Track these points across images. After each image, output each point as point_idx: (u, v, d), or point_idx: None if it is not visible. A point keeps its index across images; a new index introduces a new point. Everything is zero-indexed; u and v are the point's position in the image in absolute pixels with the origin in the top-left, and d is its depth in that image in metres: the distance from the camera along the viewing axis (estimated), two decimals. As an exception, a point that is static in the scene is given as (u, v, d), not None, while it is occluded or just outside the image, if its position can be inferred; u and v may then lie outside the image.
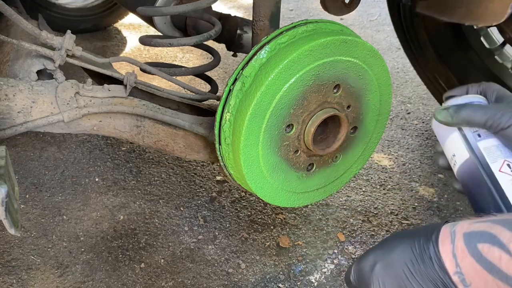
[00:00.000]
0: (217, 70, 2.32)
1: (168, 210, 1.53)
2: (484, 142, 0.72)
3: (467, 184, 0.75)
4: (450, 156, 0.78)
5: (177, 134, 1.19)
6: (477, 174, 0.72)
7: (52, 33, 1.06)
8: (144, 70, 1.23)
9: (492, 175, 0.70)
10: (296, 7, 3.34)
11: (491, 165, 0.70)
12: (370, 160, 1.80)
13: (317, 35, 0.97)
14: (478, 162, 0.72)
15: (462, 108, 0.72)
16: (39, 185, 1.60)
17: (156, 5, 1.38)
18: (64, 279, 1.28)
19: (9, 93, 1.02)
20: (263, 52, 0.96)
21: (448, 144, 0.77)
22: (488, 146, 0.72)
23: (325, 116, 0.99)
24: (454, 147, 0.76)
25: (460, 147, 0.74)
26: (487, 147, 0.72)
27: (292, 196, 1.09)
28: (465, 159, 0.73)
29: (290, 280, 1.31)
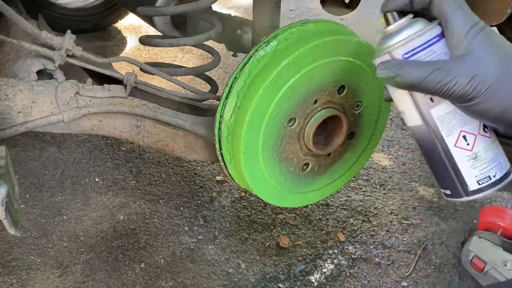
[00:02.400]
0: (217, 70, 2.32)
1: (168, 210, 1.53)
2: (437, 109, 0.64)
3: (422, 147, 0.69)
4: (399, 110, 0.70)
5: (177, 134, 1.19)
6: (432, 144, 0.67)
7: (52, 33, 1.06)
8: (144, 70, 1.23)
9: (447, 151, 0.66)
10: (296, 7, 3.34)
11: (446, 138, 0.65)
12: (370, 160, 1.80)
13: (316, 35, 0.97)
14: (432, 132, 0.65)
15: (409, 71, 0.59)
16: (39, 185, 1.60)
17: (156, 5, 1.38)
18: (64, 279, 1.28)
19: (9, 93, 1.02)
20: (263, 52, 0.96)
21: (396, 98, 0.69)
22: (442, 114, 0.64)
23: (326, 116, 0.99)
24: (403, 106, 0.68)
25: (410, 109, 0.67)
26: (441, 116, 0.64)
27: (292, 196, 1.09)
28: (416, 124, 0.67)
29: (290, 280, 1.31)
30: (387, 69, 0.62)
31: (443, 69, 0.57)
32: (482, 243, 1.24)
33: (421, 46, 0.62)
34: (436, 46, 0.62)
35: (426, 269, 1.37)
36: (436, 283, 1.33)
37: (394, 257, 1.40)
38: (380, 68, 0.63)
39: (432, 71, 0.58)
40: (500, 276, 1.17)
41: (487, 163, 0.65)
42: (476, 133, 0.64)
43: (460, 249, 1.34)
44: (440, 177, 0.70)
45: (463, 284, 1.33)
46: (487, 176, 0.66)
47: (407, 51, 0.63)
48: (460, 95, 0.57)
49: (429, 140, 0.67)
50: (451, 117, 0.64)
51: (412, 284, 1.32)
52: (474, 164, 0.65)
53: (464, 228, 1.51)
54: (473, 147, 0.65)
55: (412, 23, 0.64)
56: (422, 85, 0.59)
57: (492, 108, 0.57)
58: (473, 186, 0.66)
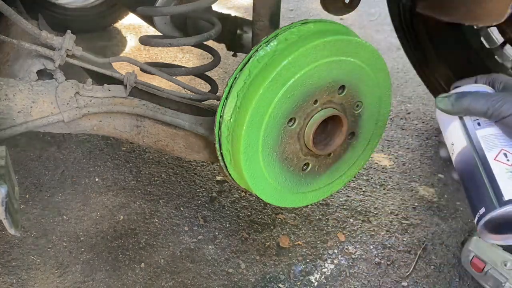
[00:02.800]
0: (217, 70, 2.32)
1: (168, 210, 1.53)
2: (482, 131, 0.71)
3: (462, 172, 0.73)
4: (450, 145, 0.76)
5: (177, 134, 1.19)
6: (472, 162, 0.70)
7: (52, 33, 1.06)
8: (144, 70, 1.23)
9: (486, 163, 0.68)
10: (296, 7, 3.34)
11: (486, 153, 0.69)
12: (370, 160, 1.80)
13: (316, 35, 0.97)
14: (474, 150, 0.70)
15: (463, 96, 0.71)
16: (39, 185, 1.60)
17: (156, 5, 1.37)
18: (64, 279, 1.28)
19: (9, 93, 1.02)
20: (263, 52, 0.96)
21: (449, 133, 0.76)
22: (486, 134, 0.70)
23: (326, 116, 0.99)
24: (454, 136, 0.75)
25: (459, 135, 0.73)
26: (485, 136, 0.70)
27: (292, 196, 1.09)
28: (462, 147, 0.72)
29: (290, 280, 1.31)
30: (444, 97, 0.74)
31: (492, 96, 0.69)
32: (482, 243, 1.24)
33: None
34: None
35: (426, 269, 1.37)
36: (436, 283, 1.33)
37: (394, 257, 1.40)
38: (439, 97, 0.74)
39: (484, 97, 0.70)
40: (500, 276, 1.17)
41: None
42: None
43: (460, 249, 1.34)
44: (475, 195, 0.71)
45: (463, 284, 1.33)
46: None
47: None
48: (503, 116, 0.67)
49: (471, 158, 0.71)
50: (494, 138, 0.70)
51: (412, 284, 1.32)
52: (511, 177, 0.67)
53: (464, 228, 1.51)
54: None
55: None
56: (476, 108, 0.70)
57: None
58: (508, 195, 0.67)
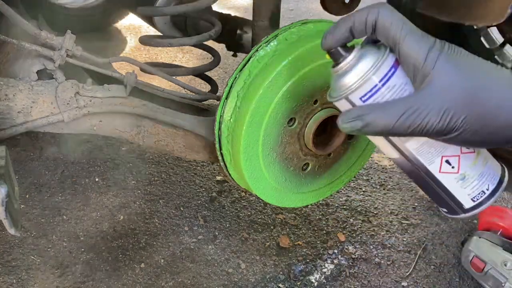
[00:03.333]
0: (217, 70, 2.32)
1: (168, 210, 1.53)
2: (412, 143, 0.61)
3: (408, 174, 0.67)
4: (376, 146, 0.68)
5: (177, 134, 1.19)
6: (416, 174, 0.64)
7: (52, 33, 1.06)
8: (144, 70, 1.23)
9: (434, 178, 0.63)
10: (296, 7, 3.34)
11: (428, 167, 0.62)
12: (370, 160, 1.80)
13: (316, 35, 0.97)
14: (414, 164, 0.63)
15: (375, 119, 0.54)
16: (39, 185, 1.60)
17: (156, 5, 1.38)
18: (64, 279, 1.28)
19: (9, 93, 1.02)
20: (263, 52, 0.96)
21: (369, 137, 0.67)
22: (418, 146, 0.61)
23: (326, 116, 0.99)
24: (378, 143, 0.65)
25: (385, 146, 0.64)
26: (418, 148, 0.61)
27: (292, 196, 1.09)
28: (395, 157, 0.64)
29: (290, 280, 1.31)
30: (350, 123, 0.56)
31: (410, 110, 0.52)
32: (482, 243, 1.24)
33: (379, 83, 0.56)
34: (394, 79, 0.56)
35: (426, 269, 1.37)
36: (436, 283, 1.33)
37: (394, 257, 1.40)
38: (343, 122, 0.57)
39: (400, 115, 0.52)
40: (500, 276, 1.17)
41: (477, 179, 0.63)
42: (458, 154, 0.62)
43: (460, 249, 1.34)
44: (434, 199, 0.68)
45: (463, 284, 1.33)
46: (481, 191, 0.64)
47: (364, 94, 0.57)
48: (437, 132, 0.52)
49: (412, 170, 0.64)
50: (428, 147, 0.60)
51: (412, 284, 1.32)
52: (464, 184, 0.63)
53: (464, 228, 1.51)
54: (459, 169, 0.62)
55: (361, 57, 0.58)
56: (392, 131, 0.54)
57: (474, 136, 0.52)
58: (468, 204, 0.65)
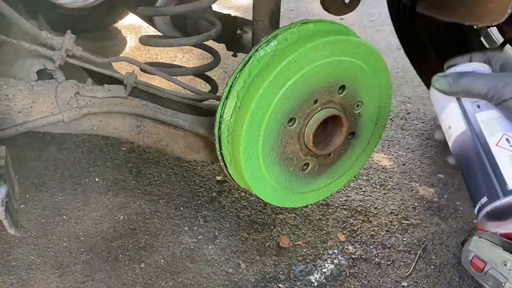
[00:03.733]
0: (217, 70, 2.32)
1: (168, 210, 1.53)
2: (483, 114, 0.66)
3: (461, 158, 0.69)
4: (446, 129, 0.72)
5: (177, 134, 1.19)
6: (472, 147, 0.66)
7: (52, 33, 1.06)
8: (144, 70, 1.23)
9: (488, 150, 0.64)
10: (296, 7, 3.34)
11: (488, 138, 0.65)
12: (370, 160, 1.80)
13: (316, 35, 0.97)
14: (475, 134, 0.66)
15: (462, 76, 0.67)
16: (39, 185, 1.60)
17: (156, 5, 1.38)
18: (64, 279, 1.28)
19: (9, 93, 1.02)
20: (263, 52, 0.96)
21: (445, 116, 0.72)
22: (487, 118, 0.66)
23: (326, 116, 0.99)
24: (451, 119, 0.70)
25: (457, 118, 0.69)
26: (486, 119, 0.65)
27: (292, 196, 1.09)
28: (461, 131, 0.68)
29: (290, 280, 1.31)
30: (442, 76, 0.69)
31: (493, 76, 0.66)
32: (482, 243, 1.24)
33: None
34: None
35: (426, 269, 1.37)
36: (436, 283, 1.33)
37: (394, 257, 1.40)
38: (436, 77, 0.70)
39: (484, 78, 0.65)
40: (500, 276, 1.17)
41: None
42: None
43: (460, 249, 1.34)
44: (476, 184, 0.67)
45: (463, 284, 1.33)
46: None
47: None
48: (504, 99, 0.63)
49: (471, 144, 0.66)
50: (494, 121, 0.65)
51: (412, 284, 1.32)
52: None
53: (464, 228, 1.51)
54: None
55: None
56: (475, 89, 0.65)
57: None
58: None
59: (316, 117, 0.99)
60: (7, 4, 1.01)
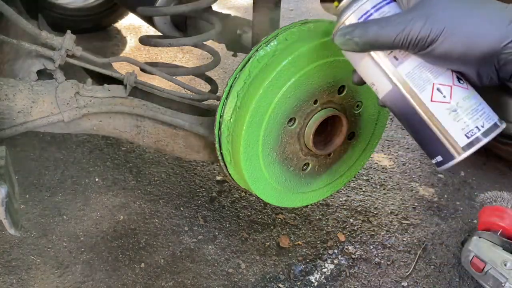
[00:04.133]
0: (217, 70, 2.32)
1: (168, 210, 1.53)
2: (404, 66, 0.61)
3: (399, 115, 0.66)
4: (369, 83, 0.68)
5: (177, 134, 1.19)
6: (408, 107, 0.63)
7: (52, 33, 1.06)
8: (144, 70, 1.23)
9: (426, 109, 0.61)
10: (296, 7, 3.34)
11: (420, 95, 0.61)
12: (370, 160, 1.80)
13: (316, 35, 0.97)
14: (406, 93, 0.62)
15: (366, 27, 0.59)
16: (39, 185, 1.60)
17: (156, 5, 1.38)
18: (64, 279, 1.28)
19: (9, 93, 1.02)
20: (263, 52, 0.96)
21: (363, 71, 0.67)
22: (410, 70, 0.61)
23: (326, 116, 0.99)
24: (371, 76, 0.65)
25: (377, 76, 0.64)
26: (410, 72, 0.61)
27: (292, 196, 1.09)
28: (387, 90, 0.64)
29: (290, 280, 1.31)
30: (344, 33, 0.61)
31: (398, 19, 0.57)
32: (482, 243, 1.24)
33: (373, 8, 0.62)
34: (387, 7, 0.62)
35: (426, 269, 1.37)
36: (436, 283, 1.33)
37: (394, 257, 1.40)
38: (337, 35, 0.63)
39: (388, 22, 0.58)
40: (500, 276, 1.17)
41: (470, 113, 0.60)
42: (450, 84, 0.61)
43: (460, 249, 1.34)
44: (426, 143, 0.65)
45: (463, 284, 1.33)
46: (475, 127, 0.60)
47: (360, 16, 0.63)
48: (420, 40, 0.56)
49: (404, 103, 0.63)
50: (419, 71, 0.61)
51: (412, 284, 1.32)
52: (456, 117, 0.60)
53: (464, 228, 1.51)
54: (451, 98, 0.60)
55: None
56: (380, 39, 0.58)
57: (453, 48, 0.56)
58: (462, 141, 0.61)
59: (316, 117, 0.99)
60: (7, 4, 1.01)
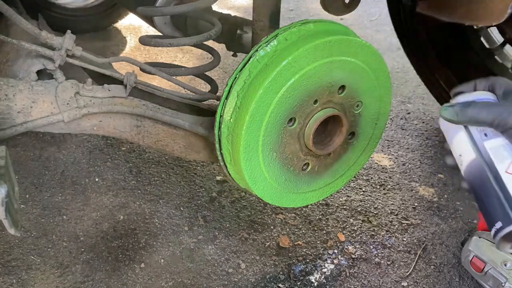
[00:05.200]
0: (217, 70, 2.32)
1: (168, 210, 1.53)
2: (490, 142, 0.70)
3: (474, 185, 0.73)
4: (457, 156, 0.77)
5: (177, 134, 1.19)
6: (483, 175, 0.70)
7: (52, 33, 1.06)
8: (144, 70, 1.23)
9: (498, 177, 0.69)
10: (296, 7, 3.34)
11: (497, 165, 0.69)
12: (370, 160, 1.80)
13: (316, 35, 0.97)
14: (485, 162, 0.70)
15: (468, 105, 0.71)
16: (39, 185, 1.60)
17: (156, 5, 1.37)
18: (64, 279, 1.28)
19: (9, 93, 1.02)
20: (263, 52, 0.96)
21: (455, 144, 0.76)
22: (494, 146, 0.70)
23: (326, 116, 0.99)
24: (461, 147, 0.75)
25: (466, 146, 0.73)
26: (494, 147, 0.70)
27: (292, 196, 1.09)
28: (471, 159, 0.72)
29: (290, 280, 1.31)
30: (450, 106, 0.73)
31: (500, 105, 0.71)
32: (482, 243, 1.24)
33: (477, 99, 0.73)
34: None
35: (426, 269, 1.37)
36: (436, 283, 1.33)
37: (394, 257, 1.40)
38: (444, 106, 0.74)
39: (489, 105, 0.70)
40: (500, 276, 1.17)
41: None
42: None
43: (460, 249, 1.34)
44: (490, 210, 0.71)
45: (463, 284, 1.33)
46: None
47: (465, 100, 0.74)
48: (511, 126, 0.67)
49: (482, 171, 0.71)
50: (502, 149, 0.69)
51: (412, 284, 1.32)
52: None
53: (464, 228, 1.51)
54: None
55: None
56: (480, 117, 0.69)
57: None
58: None
59: (316, 117, 0.99)
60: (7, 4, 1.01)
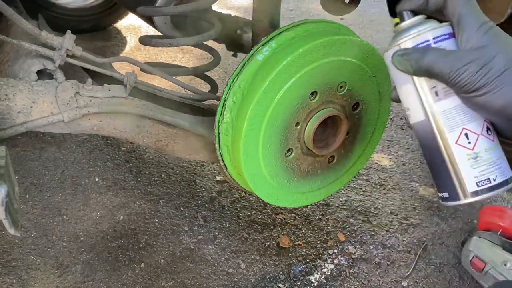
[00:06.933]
0: (217, 70, 2.32)
1: (168, 210, 1.53)
2: (441, 104, 0.65)
3: (423, 144, 0.69)
4: (405, 107, 0.71)
5: (177, 134, 1.19)
6: (433, 142, 0.67)
7: (52, 33, 1.06)
8: (144, 70, 1.23)
9: (448, 147, 0.65)
10: (296, 7, 3.34)
11: (447, 134, 0.65)
12: (370, 160, 1.80)
13: (316, 35, 0.97)
14: (435, 128, 0.66)
15: (424, 53, 0.62)
16: (39, 185, 1.60)
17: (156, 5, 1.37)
18: (64, 279, 1.28)
19: (9, 93, 1.02)
20: (263, 52, 0.96)
21: (402, 94, 0.70)
22: (446, 109, 0.64)
23: (326, 115, 0.99)
24: (409, 102, 0.69)
25: (415, 104, 0.67)
26: (445, 111, 0.65)
27: (292, 196, 1.09)
28: (420, 120, 0.67)
29: (290, 280, 1.31)
30: (403, 54, 0.65)
31: (457, 56, 0.61)
32: (482, 243, 1.24)
33: (433, 39, 0.64)
34: (445, 43, 0.64)
35: (426, 269, 1.37)
36: (436, 283, 1.33)
37: (394, 257, 1.40)
38: (397, 54, 0.66)
39: (446, 55, 0.61)
40: (500, 276, 1.17)
41: (487, 165, 0.64)
42: (478, 133, 0.64)
43: (460, 249, 1.34)
44: (439, 178, 0.69)
45: (463, 284, 1.33)
46: (487, 178, 0.64)
47: (418, 43, 0.65)
48: (468, 83, 0.59)
49: (431, 136, 0.67)
50: (454, 113, 0.64)
51: (412, 284, 1.32)
52: (474, 164, 0.64)
53: (464, 228, 1.51)
54: (474, 146, 0.64)
55: (424, 21, 0.66)
56: (434, 68, 0.61)
57: (495, 100, 0.59)
58: (471, 187, 0.65)
59: (316, 117, 0.99)
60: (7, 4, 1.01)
